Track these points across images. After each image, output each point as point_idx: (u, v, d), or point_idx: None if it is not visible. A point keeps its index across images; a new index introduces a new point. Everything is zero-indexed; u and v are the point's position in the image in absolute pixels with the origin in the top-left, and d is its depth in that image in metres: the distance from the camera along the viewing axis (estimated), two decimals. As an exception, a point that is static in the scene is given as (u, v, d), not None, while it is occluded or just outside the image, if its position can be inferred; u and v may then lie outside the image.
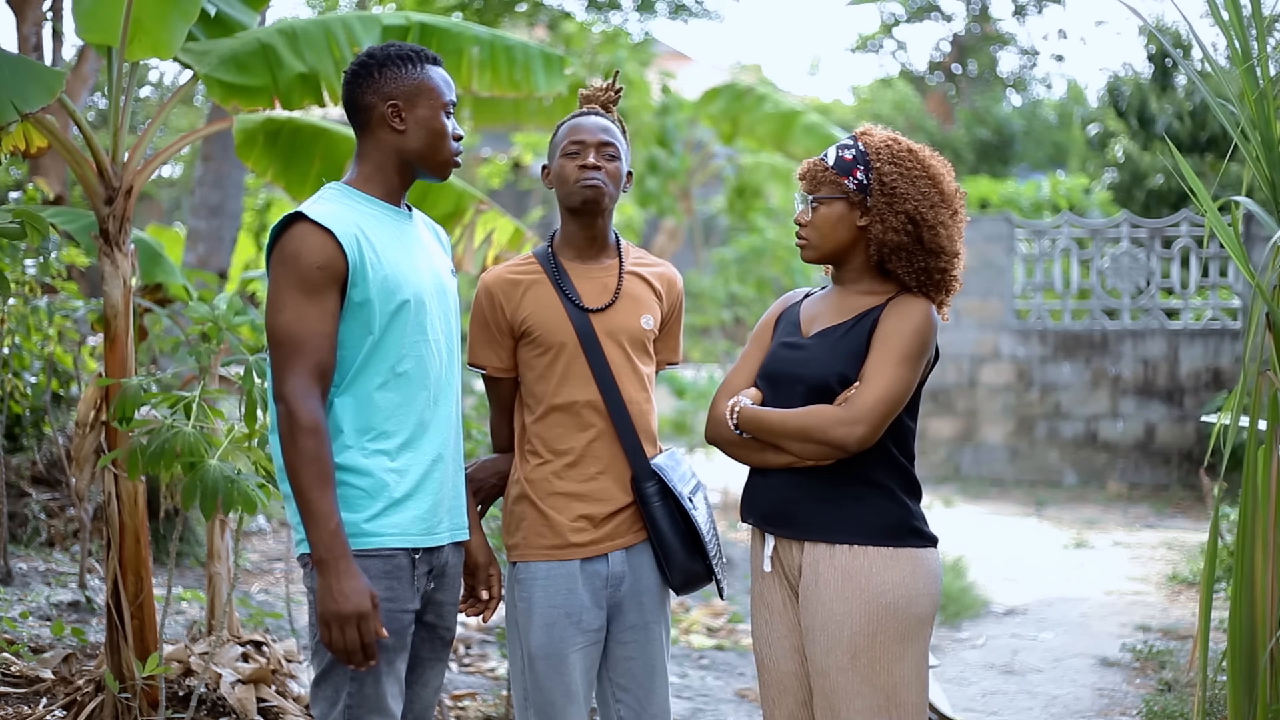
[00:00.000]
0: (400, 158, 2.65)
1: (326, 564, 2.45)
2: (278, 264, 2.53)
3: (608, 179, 2.85)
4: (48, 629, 4.72)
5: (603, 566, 2.85)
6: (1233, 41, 2.97)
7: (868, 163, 2.74)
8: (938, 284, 2.76)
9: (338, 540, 2.45)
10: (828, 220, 2.76)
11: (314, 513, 2.45)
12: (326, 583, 2.45)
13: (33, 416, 6.15)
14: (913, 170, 2.73)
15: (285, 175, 4.28)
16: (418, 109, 2.63)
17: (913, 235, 2.71)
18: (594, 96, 3.00)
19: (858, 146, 2.77)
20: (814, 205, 2.76)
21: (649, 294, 2.94)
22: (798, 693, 2.78)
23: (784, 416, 2.69)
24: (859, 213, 2.75)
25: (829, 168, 2.76)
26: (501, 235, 4.87)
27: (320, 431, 2.47)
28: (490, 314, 2.89)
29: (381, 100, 2.62)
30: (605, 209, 2.88)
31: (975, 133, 20.67)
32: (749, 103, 11.27)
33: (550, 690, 2.81)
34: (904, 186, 2.71)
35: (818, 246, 2.78)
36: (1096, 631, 6.44)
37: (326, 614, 2.45)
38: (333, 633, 2.45)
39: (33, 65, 3.52)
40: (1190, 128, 13.64)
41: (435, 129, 2.64)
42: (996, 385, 11.92)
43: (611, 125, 2.91)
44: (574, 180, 2.85)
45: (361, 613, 2.44)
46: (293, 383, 2.47)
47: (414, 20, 4.20)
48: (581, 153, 2.86)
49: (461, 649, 5.57)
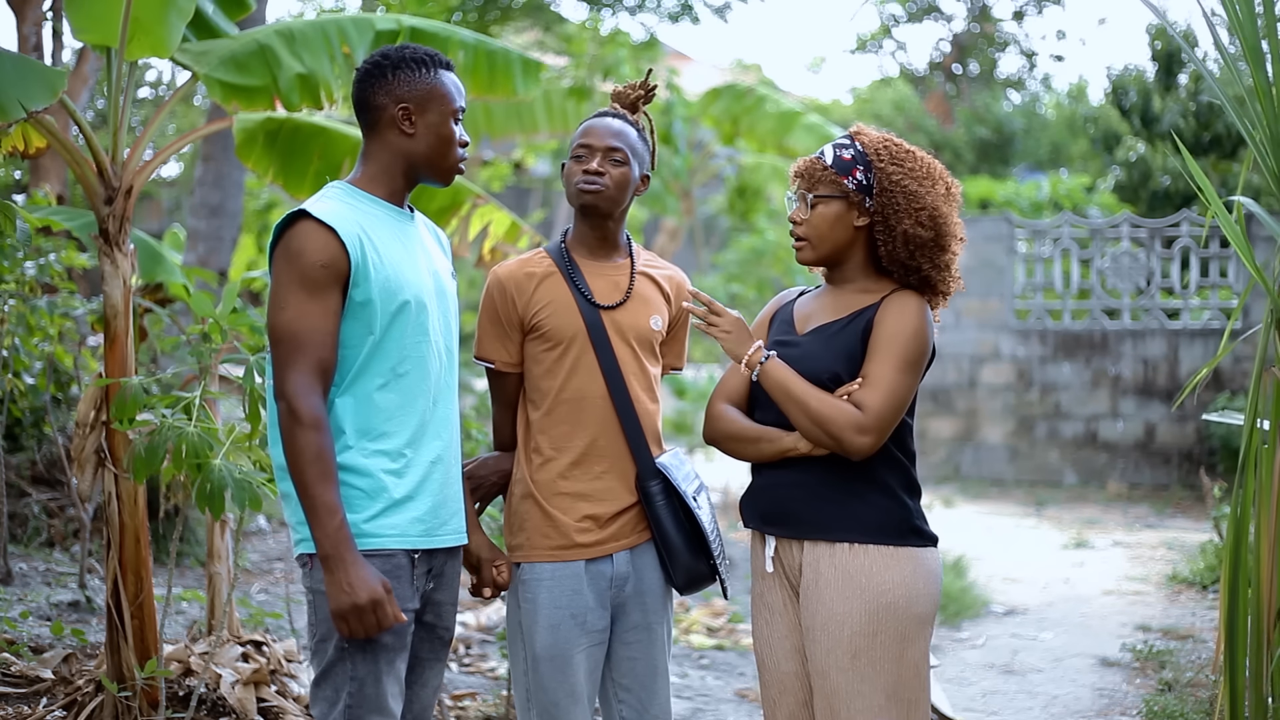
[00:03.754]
0: (407, 161, 2.65)
1: (332, 559, 2.44)
2: (281, 261, 2.52)
3: (610, 184, 2.84)
4: (48, 629, 4.72)
5: (607, 567, 2.85)
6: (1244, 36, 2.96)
7: (868, 163, 2.74)
8: (943, 279, 2.77)
9: (343, 534, 2.45)
10: (825, 219, 2.75)
11: (317, 508, 2.45)
12: (335, 578, 2.44)
13: (33, 416, 6.15)
14: (918, 170, 2.74)
15: (284, 174, 4.29)
16: (428, 113, 2.63)
17: (934, 232, 2.72)
18: (623, 95, 2.99)
19: (855, 146, 2.77)
20: (811, 203, 2.76)
21: (658, 296, 2.95)
22: (798, 693, 2.78)
23: (806, 393, 2.67)
24: (857, 213, 2.74)
25: (827, 166, 2.74)
26: (498, 228, 4.88)
27: (322, 426, 2.47)
28: (502, 306, 2.88)
29: (393, 102, 2.62)
30: (606, 213, 2.87)
31: (975, 132, 20.66)
32: (750, 103, 11.28)
33: (555, 691, 2.81)
34: (916, 186, 2.71)
35: (815, 246, 2.77)
36: (1096, 631, 6.44)
37: (341, 609, 2.44)
38: (350, 625, 2.45)
39: (34, 65, 3.52)
40: (1194, 127, 13.63)
41: (444, 135, 2.64)
42: (996, 385, 11.92)
43: (627, 129, 2.90)
44: (575, 183, 2.86)
45: (375, 599, 2.44)
46: (294, 380, 2.47)
47: (405, 24, 4.22)
48: (587, 156, 2.86)
49: (461, 649, 5.57)
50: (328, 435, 2.48)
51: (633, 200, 2.94)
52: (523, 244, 4.91)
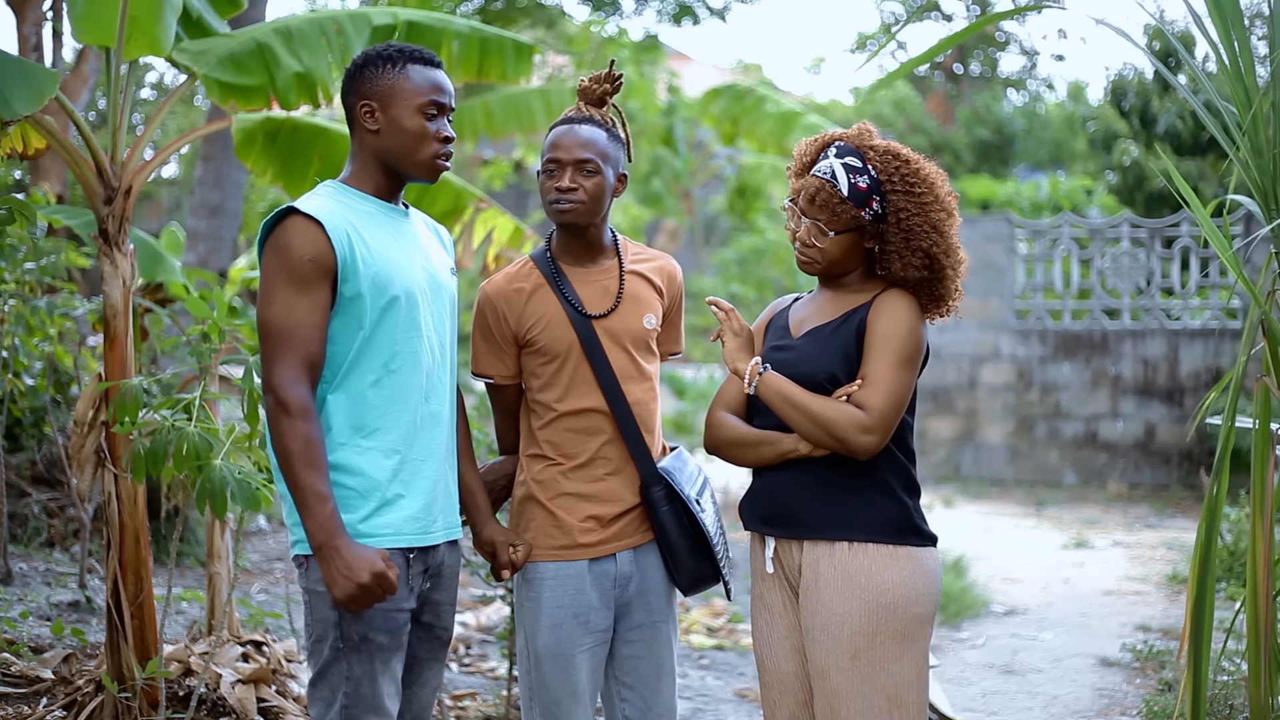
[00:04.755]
0: (379, 157, 2.64)
1: (326, 548, 2.44)
2: (269, 256, 2.53)
3: (585, 198, 2.79)
4: (48, 629, 4.73)
5: (611, 566, 2.85)
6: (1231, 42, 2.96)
7: (882, 192, 2.72)
8: (949, 293, 2.77)
9: (333, 522, 2.44)
10: (840, 247, 2.74)
11: (307, 496, 2.44)
12: (332, 565, 2.43)
13: (33, 416, 6.15)
14: (926, 195, 2.73)
15: (284, 174, 4.28)
16: (391, 109, 2.61)
17: (944, 252, 2.73)
18: (589, 90, 2.93)
19: (869, 171, 2.72)
20: (828, 233, 2.72)
21: (650, 292, 2.92)
22: (798, 693, 2.78)
23: (807, 397, 2.68)
24: (869, 238, 2.75)
25: (845, 199, 2.70)
26: (502, 234, 4.87)
27: (309, 416, 2.46)
28: (494, 324, 2.87)
29: (358, 99, 2.63)
30: (585, 225, 2.84)
31: (975, 133, 20.67)
32: (750, 103, 11.27)
33: (556, 690, 2.81)
34: (926, 214, 2.71)
35: (824, 264, 2.77)
36: (1096, 631, 6.44)
37: (346, 595, 2.43)
38: (360, 603, 2.45)
39: (27, 67, 3.48)
40: (1192, 128, 13.64)
41: (408, 129, 2.61)
42: (996, 385, 11.92)
43: (596, 134, 2.83)
44: (549, 201, 2.82)
45: (376, 572, 2.44)
46: (281, 372, 2.48)
47: (401, 18, 4.22)
48: (558, 172, 2.80)
49: (461, 649, 5.57)
50: (316, 425, 2.47)
51: (613, 202, 2.90)
52: (526, 249, 4.90)
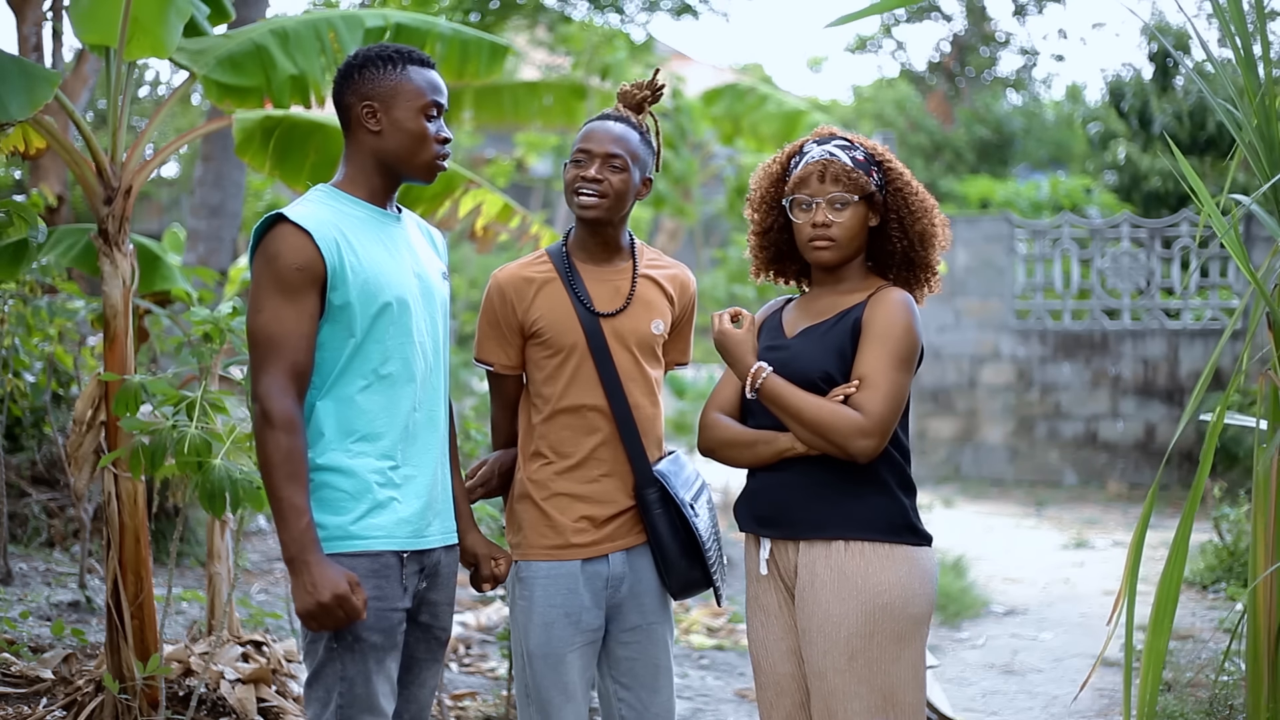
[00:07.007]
0: (379, 159, 2.63)
1: (297, 561, 2.45)
2: (258, 264, 2.54)
3: (609, 192, 2.81)
4: (48, 629, 4.73)
5: (603, 567, 2.85)
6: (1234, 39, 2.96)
7: (879, 163, 2.78)
8: (933, 268, 2.83)
9: (308, 536, 2.46)
10: (858, 219, 2.76)
11: (284, 509, 2.46)
12: (300, 580, 2.45)
13: (33, 416, 6.15)
14: (903, 172, 2.82)
15: (281, 169, 4.31)
16: (394, 110, 2.61)
17: (933, 226, 2.80)
18: (629, 94, 2.95)
19: (859, 146, 2.78)
20: (839, 206, 2.74)
21: (661, 298, 2.93)
22: (795, 695, 2.78)
23: (805, 400, 2.68)
24: (871, 212, 2.77)
25: (851, 168, 2.74)
26: (490, 208, 4.87)
27: (293, 427, 2.47)
28: (501, 312, 2.88)
29: (359, 101, 2.62)
30: (604, 220, 2.85)
31: (975, 132, 20.66)
32: (751, 103, 11.27)
33: (548, 689, 2.81)
34: (914, 182, 2.80)
35: (844, 247, 2.76)
36: (1096, 631, 6.44)
37: (306, 609, 2.45)
38: (319, 622, 2.46)
39: (26, 69, 3.47)
40: (1189, 128, 13.64)
41: (411, 130, 2.61)
42: (996, 385, 11.92)
43: (629, 133, 2.86)
44: (573, 189, 2.84)
45: (338, 594, 2.44)
46: (267, 382, 2.48)
47: (391, 20, 4.25)
48: (586, 162, 2.83)
49: (461, 649, 5.57)
50: (299, 438, 2.48)
51: (634, 204, 2.92)
52: (514, 224, 4.91)
